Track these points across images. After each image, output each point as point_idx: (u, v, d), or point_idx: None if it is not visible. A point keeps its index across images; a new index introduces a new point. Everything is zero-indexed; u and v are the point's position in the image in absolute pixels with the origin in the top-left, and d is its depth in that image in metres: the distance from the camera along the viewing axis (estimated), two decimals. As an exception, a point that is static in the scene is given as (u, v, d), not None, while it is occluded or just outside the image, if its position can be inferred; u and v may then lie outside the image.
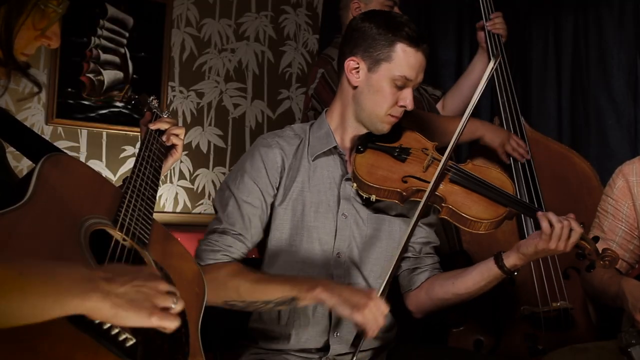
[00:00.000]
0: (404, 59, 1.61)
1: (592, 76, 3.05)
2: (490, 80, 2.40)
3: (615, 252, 1.56)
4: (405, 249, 1.55)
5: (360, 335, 1.51)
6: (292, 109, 3.91)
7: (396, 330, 1.77)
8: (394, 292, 1.79)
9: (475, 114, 3.13)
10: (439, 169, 1.59)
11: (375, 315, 1.42)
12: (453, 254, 2.27)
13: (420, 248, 1.76)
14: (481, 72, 2.47)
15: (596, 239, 1.58)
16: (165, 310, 0.96)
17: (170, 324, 0.96)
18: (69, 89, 3.32)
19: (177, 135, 1.57)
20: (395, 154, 1.67)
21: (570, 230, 1.52)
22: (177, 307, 0.98)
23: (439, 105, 2.54)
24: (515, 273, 1.61)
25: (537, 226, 1.55)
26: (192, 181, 3.62)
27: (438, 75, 3.44)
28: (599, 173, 2.31)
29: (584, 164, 2.31)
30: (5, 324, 0.81)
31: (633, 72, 2.91)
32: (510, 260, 1.58)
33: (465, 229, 1.60)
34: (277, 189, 1.66)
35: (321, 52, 2.69)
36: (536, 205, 2.17)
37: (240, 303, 1.53)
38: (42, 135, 1.94)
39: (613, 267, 1.60)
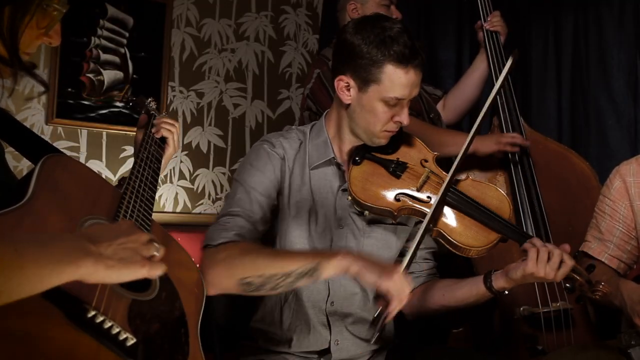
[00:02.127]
0: (395, 80, 1.54)
1: (592, 76, 3.05)
2: (489, 80, 2.41)
3: (607, 287, 1.54)
4: (425, 232, 1.54)
5: (380, 314, 1.45)
6: (292, 109, 3.91)
7: (393, 331, 1.77)
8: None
9: (475, 114, 3.15)
10: (438, 197, 1.57)
11: (402, 286, 1.37)
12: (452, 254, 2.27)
13: (417, 253, 1.75)
14: (482, 72, 2.48)
15: (591, 268, 1.56)
16: (152, 258, 1.00)
17: (159, 271, 1.00)
18: (69, 89, 3.32)
19: (168, 129, 1.57)
20: (391, 170, 1.64)
21: (561, 261, 1.50)
22: (160, 252, 1.01)
23: (439, 105, 2.54)
24: (506, 292, 1.60)
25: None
26: (192, 181, 3.62)
27: (438, 76, 3.43)
28: (599, 173, 2.31)
29: (583, 164, 2.30)
30: (6, 300, 0.82)
31: (633, 72, 2.91)
32: (499, 282, 1.58)
33: (456, 252, 1.60)
34: (281, 189, 1.66)
35: (319, 53, 2.69)
36: (536, 207, 2.17)
37: (258, 279, 1.43)
38: (42, 136, 1.94)
39: (603, 300, 1.59)
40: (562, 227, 2.21)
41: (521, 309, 2.13)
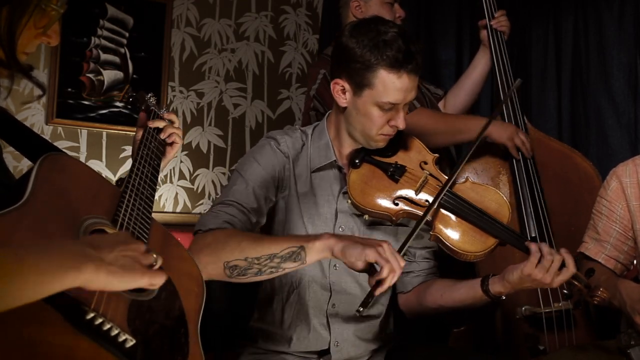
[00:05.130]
0: (387, 85, 1.53)
1: (592, 76, 3.05)
2: (492, 79, 2.40)
3: (606, 292, 1.53)
4: (417, 226, 1.52)
5: (372, 292, 1.39)
6: (292, 109, 3.90)
7: (392, 329, 1.77)
8: (393, 292, 1.79)
9: (475, 112, 3.15)
10: (437, 200, 1.55)
11: (392, 254, 1.34)
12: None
13: (415, 252, 1.75)
14: (483, 70, 2.48)
15: (590, 272, 1.56)
16: (151, 267, 1.00)
17: (160, 280, 1.00)
18: (69, 89, 3.32)
19: (177, 135, 1.55)
20: (389, 173, 1.63)
21: (560, 267, 1.49)
22: (158, 262, 1.02)
23: (440, 104, 2.54)
24: (503, 298, 1.59)
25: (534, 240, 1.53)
26: (192, 181, 3.61)
27: (438, 75, 3.43)
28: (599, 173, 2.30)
29: (586, 163, 2.30)
30: (7, 306, 0.81)
31: (633, 72, 2.91)
32: (495, 287, 1.57)
33: (454, 256, 1.59)
34: (281, 187, 1.66)
35: (321, 52, 2.68)
36: (538, 207, 2.17)
37: (242, 262, 1.41)
38: (42, 136, 1.93)
39: (600, 305, 1.58)
40: (564, 227, 2.21)
41: (523, 308, 2.13)
